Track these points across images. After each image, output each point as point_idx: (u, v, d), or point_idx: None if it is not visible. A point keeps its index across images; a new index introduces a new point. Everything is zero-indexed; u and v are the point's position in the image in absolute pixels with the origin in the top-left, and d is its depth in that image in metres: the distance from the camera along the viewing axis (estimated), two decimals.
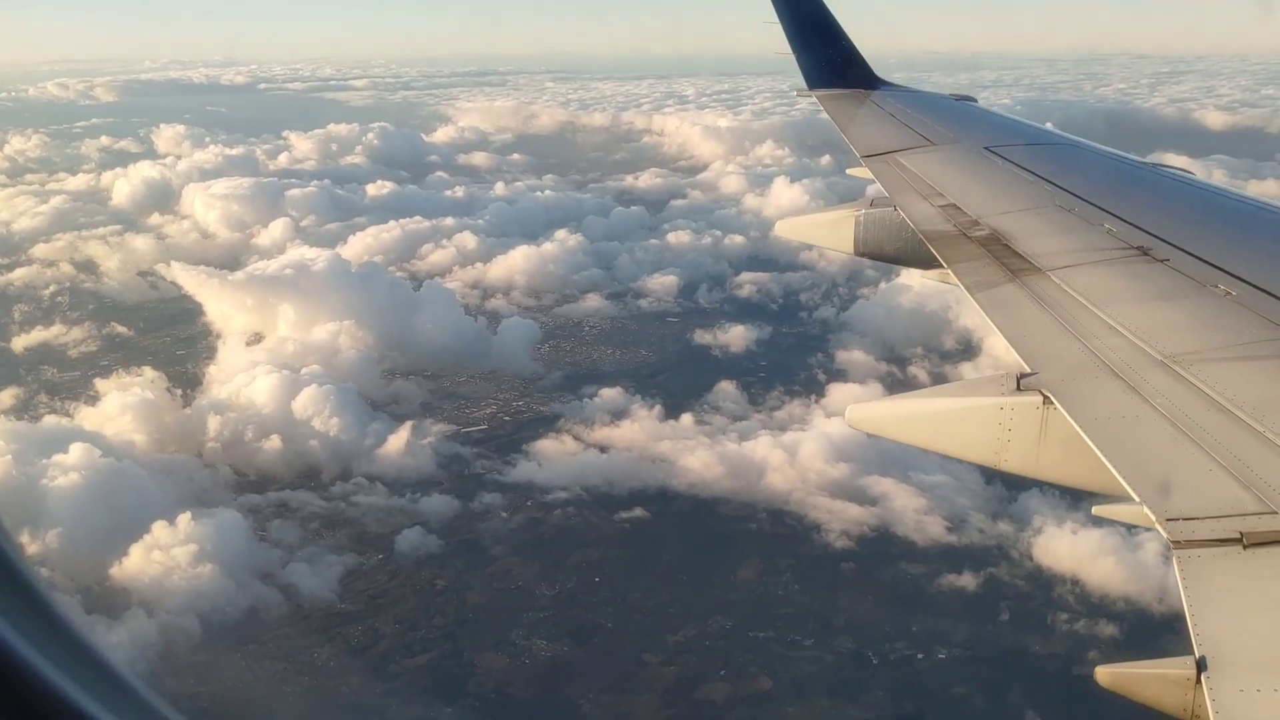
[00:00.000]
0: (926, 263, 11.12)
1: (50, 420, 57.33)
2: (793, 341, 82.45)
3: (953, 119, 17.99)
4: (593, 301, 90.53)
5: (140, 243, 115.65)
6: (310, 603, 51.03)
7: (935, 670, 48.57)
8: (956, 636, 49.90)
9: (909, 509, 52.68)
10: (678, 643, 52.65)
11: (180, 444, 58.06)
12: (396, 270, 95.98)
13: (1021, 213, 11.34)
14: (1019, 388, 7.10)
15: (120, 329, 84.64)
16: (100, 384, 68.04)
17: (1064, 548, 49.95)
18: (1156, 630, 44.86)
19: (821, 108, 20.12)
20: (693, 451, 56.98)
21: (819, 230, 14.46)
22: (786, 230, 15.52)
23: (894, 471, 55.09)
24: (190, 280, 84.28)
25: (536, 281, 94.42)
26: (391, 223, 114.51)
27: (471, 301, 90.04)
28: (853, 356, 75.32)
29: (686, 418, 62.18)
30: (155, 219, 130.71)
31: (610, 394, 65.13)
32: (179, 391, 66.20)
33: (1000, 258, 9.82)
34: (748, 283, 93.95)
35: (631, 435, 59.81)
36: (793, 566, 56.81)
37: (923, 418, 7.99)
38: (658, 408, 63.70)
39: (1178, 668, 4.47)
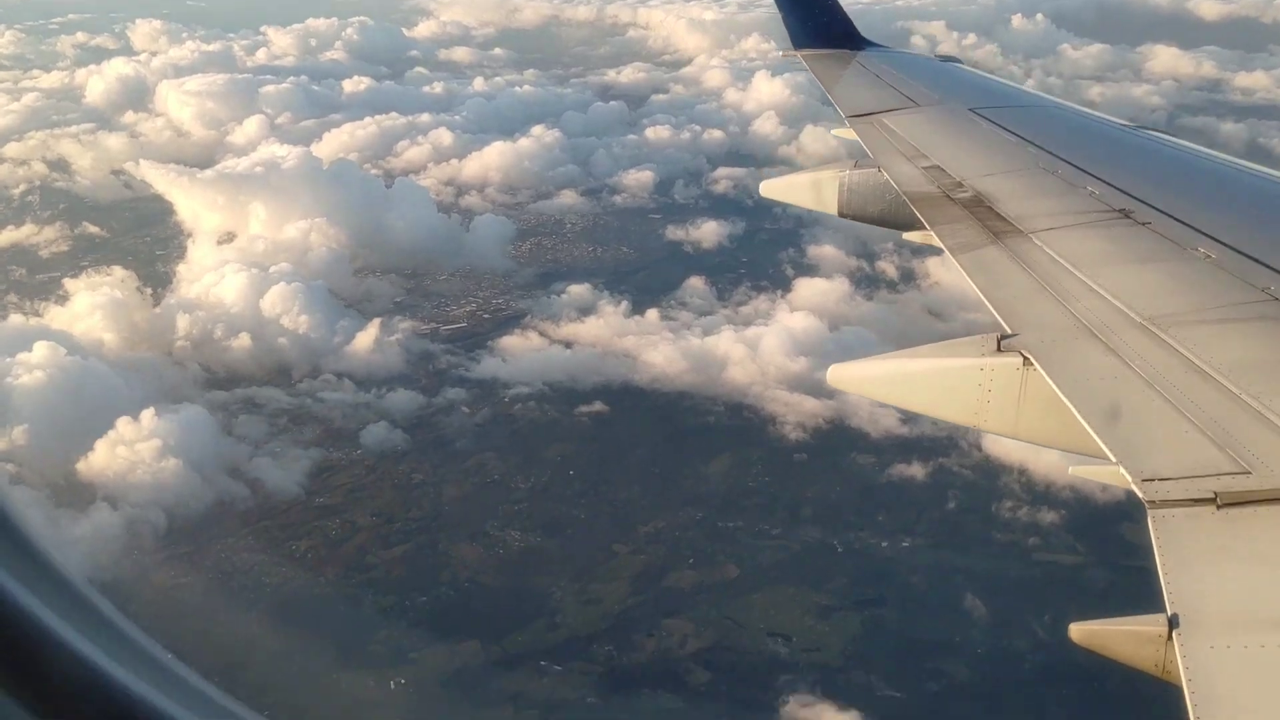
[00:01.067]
0: (910, 224, 11.18)
1: (16, 320, 57.50)
2: (766, 237, 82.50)
3: (937, 80, 17.97)
4: (568, 198, 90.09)
5: (113, 141, 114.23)
6: (277, 496, 51.99)
7: (898, 558, 50.07)
8: (920, 526, 51.32)
9: (864, 402, 53.42)
10: (648, 533, 53.99)
11: (150, 343, 58.31)
12: (371, 168, 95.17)
13: (1005, 175, 11.45)
14: (999, 349, 7.19)
15: (93, 229, 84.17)
16: (70, 284, 67.74)
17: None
18: (1098, 518, 46.15)
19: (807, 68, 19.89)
20: (656, 347, 57.51)
21: (802, 191, 14.47)
22: (770, 190, 15.57)
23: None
24: (160, 179, 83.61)
25: (512, 178, 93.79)
26: (368, 119, 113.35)
27: (446, 199, 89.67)
28: (824, 251, 75.45)
29: (652, 313, 62.56)
30: (129, 117, 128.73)
31: (579, 291, 65.39)
32: (149, 291, 66.43)
33: (983, 220, 9.90)
34: (724, 178, 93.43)
35: (596, 331, 60.27)
36: (763, 459, 57.96)
37: (903, 378, 8.11)
38: (624, 304, 64.08)
39: (1150, 625, 4.56)
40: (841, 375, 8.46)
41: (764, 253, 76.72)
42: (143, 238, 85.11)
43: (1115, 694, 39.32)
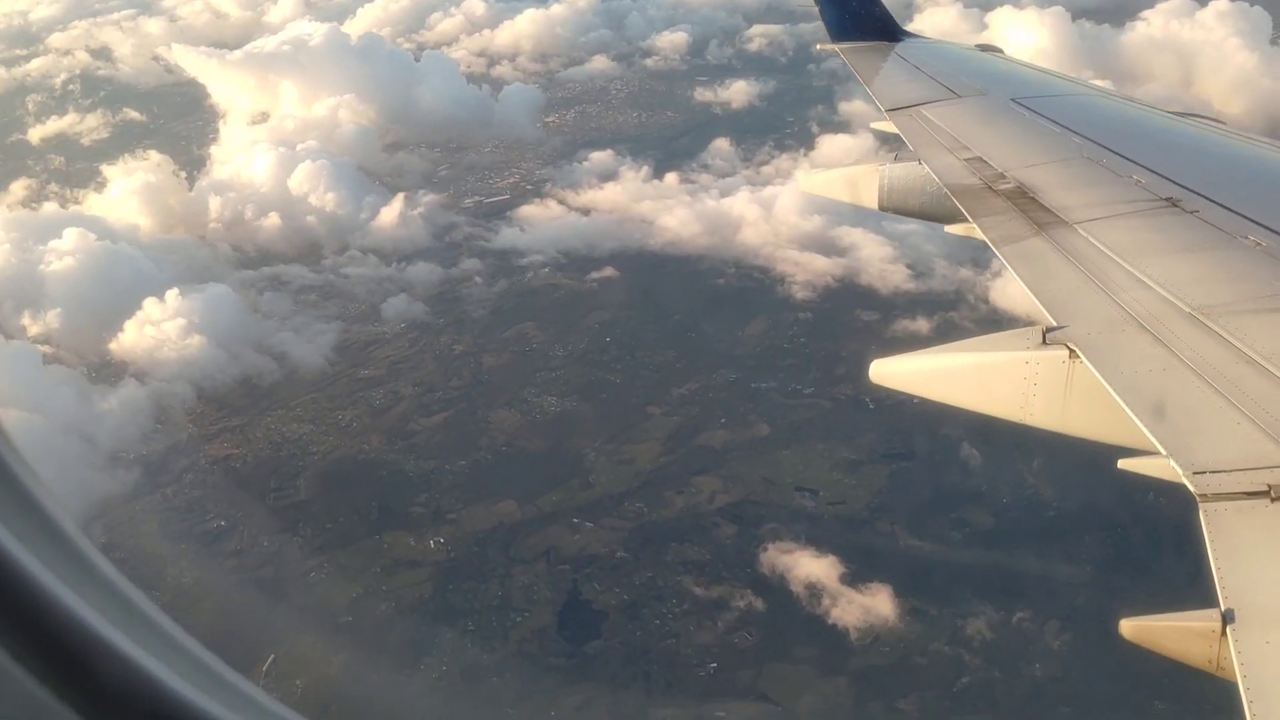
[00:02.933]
0: (952, 217, 10.86)
1: (50, 208, 59.12)
2: (796, 95, 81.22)
3: (978, 70, 17.35)
4: (599, 64, 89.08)
5: (153, 26, 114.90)
6: (304, 369, 53.42)
7: (929, 412, 50.33)
8: None
9: (875, 258, 53.19)
10: (681, 395, 54.96)
11: (185, 225, 59.74)
12: (404, 41, 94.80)
13: (1048, 165, 11.17)
14: (1044, 342, 7.03)
15: (133, 115, 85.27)
16: (109, 170, 69.36)
17: (1021, 289, 50.76)
18: None
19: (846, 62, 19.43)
20: (671, 211, 57.42)
21: (842, 185, 14.28)
22: (809, 186, 15.59)
23: (868, 222, 55.23)
24: (192, 62, 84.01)
25: (544, 46, 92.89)
26: None
27: (477, 70, 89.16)
28: (854, 107, 73.49)
29: (671, 178, 62.30)
30: (169, 1, 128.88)
31: (601, 158, 65.24)
32: (184, 174, 67.57)
33: (1026, 211, 9.70)
34: (759, 36, 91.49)
35: (615, 198, 60.33)
36: (799, 321, 58.27)
37: (947, 373, 7.98)
38: (645, 169, 63.82)
39: (1203, 620, 4.47)
40: (884, 371, 8.28)
41: (794, 111, 75.42)
42: (182, 122, 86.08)
43: (1141, 540, 40.15)
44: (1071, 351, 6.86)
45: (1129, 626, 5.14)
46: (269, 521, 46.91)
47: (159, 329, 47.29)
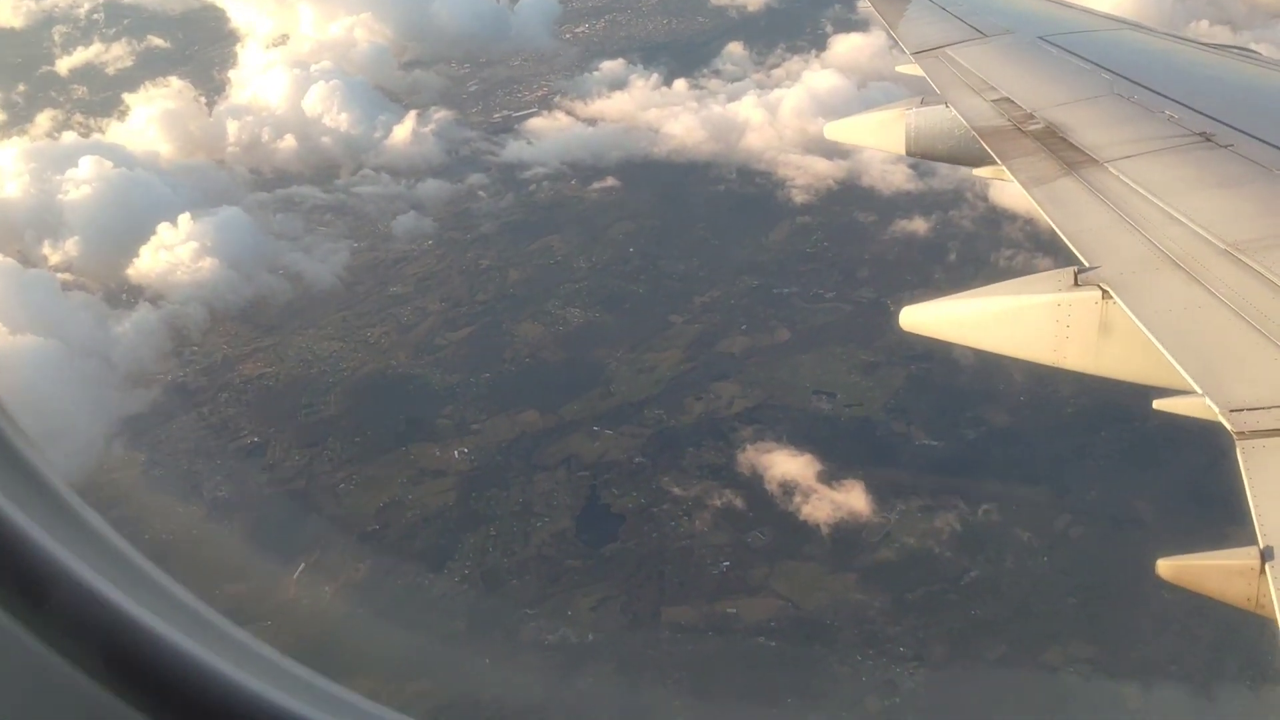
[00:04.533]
0: (981, 160, 10.73)
1: (69, 138, 60.10)
2: None
3: (1004, 9, 16.88)
4: None
5: None
6: (317, 288, 54.47)
7: None
8: (973, 278, 51.33)
9: (877, 159, 52.83)
10: (704, 303, 55.44)
11: (206, 149, 60.74)
12: None
13: (1078, 103, 10.89)
14: (1076, 283, 6.90)
15: (158, 42, 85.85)
16: (131, 98, 70.01)
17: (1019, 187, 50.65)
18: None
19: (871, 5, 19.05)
20: (678, 118, 57.25)
21: (868, 131, 13.92)
22: (835, 132, 14.94)
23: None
24: None
25: None
26: None
27: None
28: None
29: (680, 84, 62.02)
30: None
31: (612, 67, 65.04)
32: (203, 100, 68.30)
33: (1056, 151, 9.50)
34: None
35: (622, 107, 60.25)
36: (823, 225, 58.15)
37: (978, 318, 7.83)
38: (655, 77, 63.52)
39: (1242, 559, 4.42)
40: (914, 319, 8.15)
41: (810, 10, 74.15)
42: (206, 47, 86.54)
43: (1154, 435, 40.28)
44: (1105, 292, 6.75)
45: (1167, 566, 5.03)
46: (300, 437, 48.44)
47: (172, 253, 48.48)
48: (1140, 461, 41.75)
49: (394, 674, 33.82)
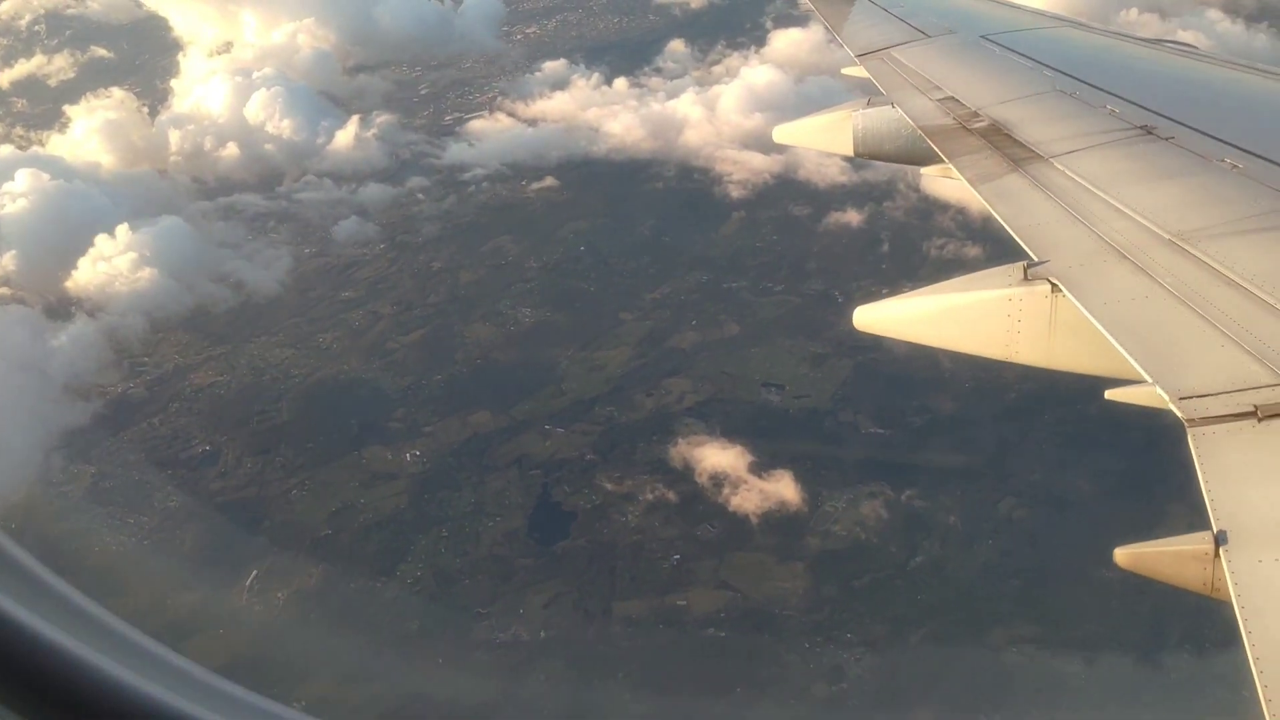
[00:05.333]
0: (928, 159, 10.80)
1: (4, 151, 59.43)
2: None
3: (946, 9, 17.16)
4: None
5: None
6: (259, 295, 54.45)
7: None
8: (924, 272, 51.87)
9: (813, 152, 53.47)
10: (654, 300, 55.79)
11: (149, 160, 60.42)
12: None
13: (1022, 100, 11.06)
14: (1026, 277, 7.03)
15: (101, 52, 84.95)
16: (73, 110, 69.04)
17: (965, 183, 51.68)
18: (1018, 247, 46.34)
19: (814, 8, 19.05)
20: (617, 117, 57.76)
21: (816, 133, 14.00)
22: (784, 135, 15.08)
23: (809, 115, 55.77)
24: None
25: None
26: None
27: None
28: None
29: (620, 83, 62.48)
30: None
31: (554, 67, 65.51)
32: (145, 109, 67.87)
33: (1002, 148, 9.65)
34: None
35: (563, 107, 60.66)
36: (773, 220, 58.66)
37: (930, 316, 7.93)
38: (596, 76, 64.05)
39: (1196, 544, 4.47)
40: (867, 318, 8.20)
41: (752, 6, 74.76)
42: (149, 57, 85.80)
43: (1096, 417, 40.99)
44: (1054, 286, 6.85)
45: (1123, 555, 5.07)
46: (252, 444, 48.40)
47: (111, 265, 48.29)
48: (1082, 444, 42.51)
49: (345, 678, 34.06)
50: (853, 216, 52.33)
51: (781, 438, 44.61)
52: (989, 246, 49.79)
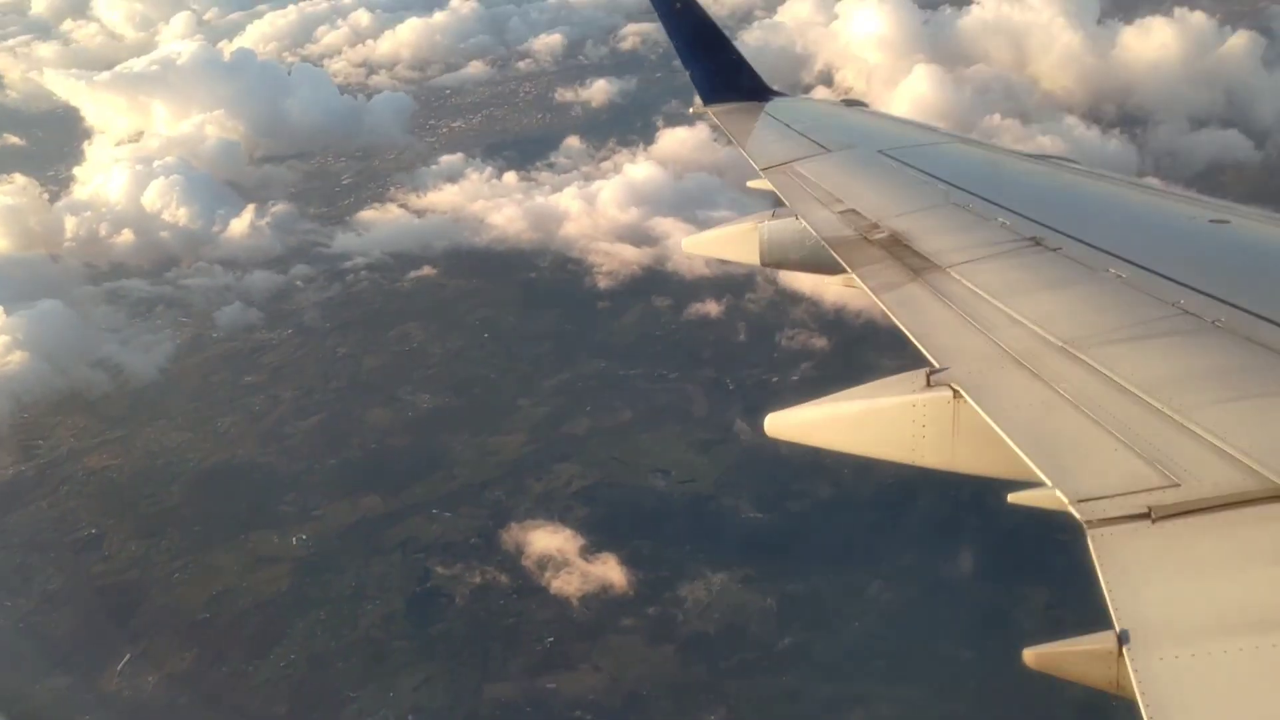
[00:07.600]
0: (832, 268, 11.05)
1: None
2: (656, 91, 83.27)
3: (845, 125, 17.65)
4: (474, 69, 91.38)
5: (46, 50, 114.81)
6: (136, 380, 54.95)
7: (783, 391, 52.66)
8: (807, 365, 53.65)
9: (678, 248, 55.76)
10: (552, 386, 56.89)
11: (45, 243, 61.02)
12: (290, 55, 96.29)
13: (919, 213, 11.39)
14: (929, 384, 7.17)
15: (13, 140, 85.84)
16: None
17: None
18: (868, 337, 48.04)
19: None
20: (501, 209, 59.85)
21: (724, 244, 14.34)
22: (692, 246, 15.59)
23: (682, 211, 58.54)
24: (63, 86, 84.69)
25: (422, 54, 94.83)
26: (290, 7, 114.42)
27: (356, 80, 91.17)
28: None
29: (510, 176, 64.93)
30: (67, 25, 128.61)
31: (450, 160, 67.67)
32: (44, 195, 68.50)
33: (901, 258, 9.93)
34: (632, 34, 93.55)
35: (452, 199, 62.62)
36: (671, 308, 60.44)
37: (838, 421, 7.97)
38: (488, 170, 66.32)
39: (1100, 643, 4.57)
40: (778, 424, 8.23)
41: (647, 107, 77.78)
42: (61, 145, 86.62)
43: (968, 501, 42.54)
44: (955, 392, 6.99)
45: (1032, 655, 5.10)
46: (139, 527, 48.41)
47: None
48: (952, 529, 43.77)
49: None
50: (712, 307, 54.33)
51: (659, 522, 45.61)
52: (834, 338, 52.27)
